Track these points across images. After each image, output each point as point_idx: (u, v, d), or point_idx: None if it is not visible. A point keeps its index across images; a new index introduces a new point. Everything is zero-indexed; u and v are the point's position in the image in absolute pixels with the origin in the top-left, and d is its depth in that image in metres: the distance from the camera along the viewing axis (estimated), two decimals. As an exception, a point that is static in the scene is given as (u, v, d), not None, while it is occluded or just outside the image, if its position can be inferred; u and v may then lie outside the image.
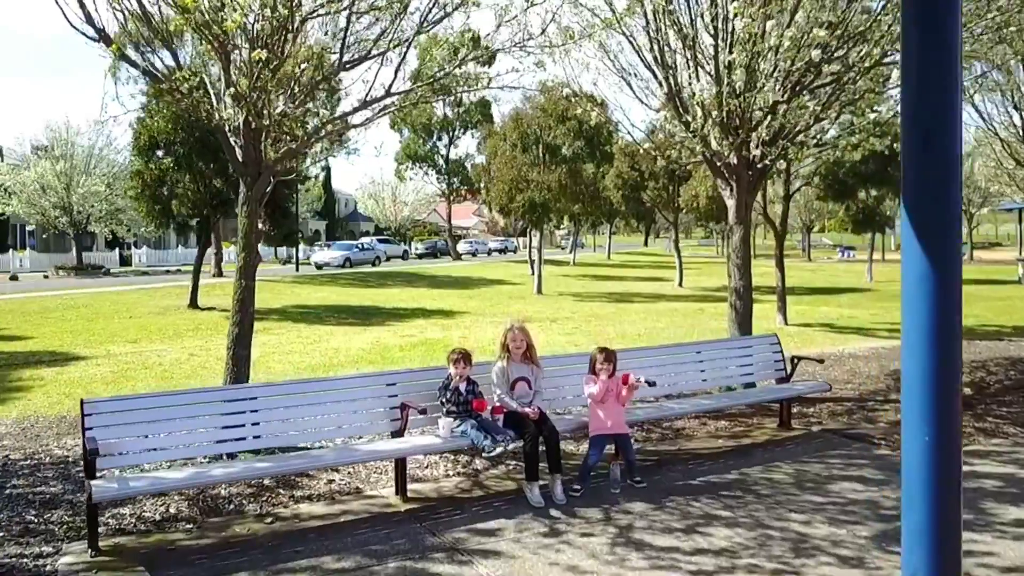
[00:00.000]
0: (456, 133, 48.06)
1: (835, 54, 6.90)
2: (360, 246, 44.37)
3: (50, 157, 38.16)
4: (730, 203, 8.61)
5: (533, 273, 35.48)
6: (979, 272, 39.02)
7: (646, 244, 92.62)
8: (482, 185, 26.12)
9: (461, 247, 61.40)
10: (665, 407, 6.33)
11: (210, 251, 39.12)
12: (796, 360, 7.36)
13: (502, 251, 68.40)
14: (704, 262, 50.65)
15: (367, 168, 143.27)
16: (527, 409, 5.46)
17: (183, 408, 4.91)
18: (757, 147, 8.14)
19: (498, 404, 5.55)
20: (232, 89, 5.99)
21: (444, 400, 5.44)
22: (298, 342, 13.52)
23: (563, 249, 71.71)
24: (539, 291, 24.86)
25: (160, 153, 17.68)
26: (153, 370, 10.74)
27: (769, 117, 7.59)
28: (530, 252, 38.19)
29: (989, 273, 37.73)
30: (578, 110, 9.02)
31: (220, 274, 30.94)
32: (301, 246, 57.78)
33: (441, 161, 48.40)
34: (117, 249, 46.82)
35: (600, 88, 8.68)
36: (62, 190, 37.57)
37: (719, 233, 68.71)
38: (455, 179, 48.58)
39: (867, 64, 6.94)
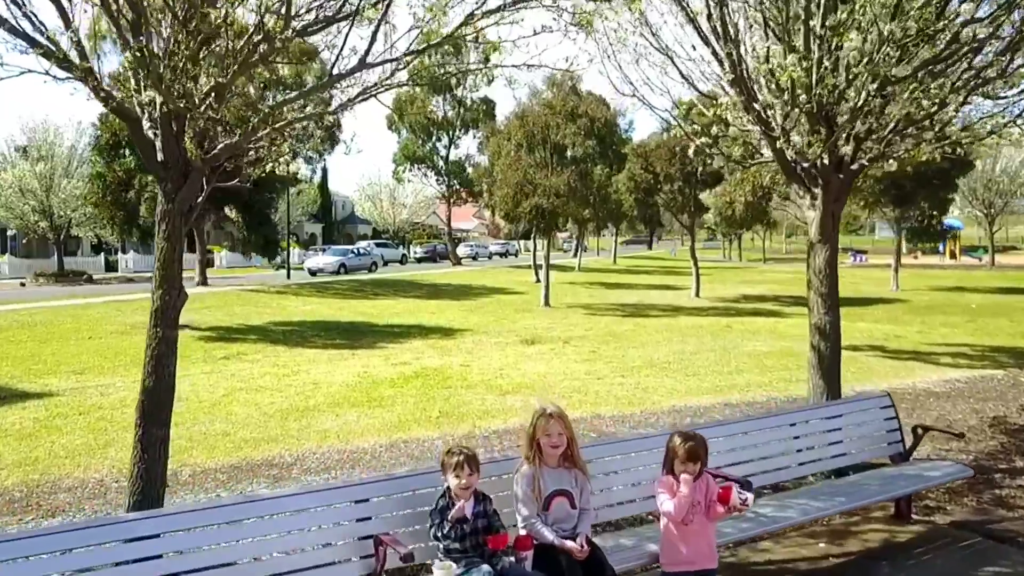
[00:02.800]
0: (457, 133, 46.07)
1: (981, 14, 5.00)
2: (355, 251, 42.41)
3: (30, 158, 36.25)
4: (811, 215, 6.70)
5: (538, 281, 33.50)
6: (1004, 279, 37.08)
7: (650, 247, 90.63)
8: (484, 189, 24.19)
9: (461, 250, 59.51)
10: (762, 516, 4.41)
11: (192, 256, 37.38)
12: (920, 432, 5.43)
13: (503, 255, 66.52)
14: (713, 267, 48.66)
15: (364, 169, 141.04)
16: (569, 543, 3.55)
17: (33, 564, 3.01)
18: (847, 142, 6.24)
19: (524, 533, 3.64)
20: (129, 53, 4.07)
21: (441, 533, 3.51)
22: (272, 373, 11.58)
23: (565, 252, 69.80)
24: (546, 303, 22.95)
25: (127, 153, 15.78)
26: (89, 416, 8.81)
27: (878, 102, 5.68)
28: (534, 257, 36.24)
29: (1017, 280, 35.82)
30: (610, 99, 7.06)
31: (205, 283, 28.96)
32: (296, 250, 55.85)
33: (441, 162, 46.39)
34: (103, 254, 44.82)
35: (642, 69, 6.71)
36: (42, 193, 35.65)
37: (726, 236, 66.71)
38: (455, 181, 46.57)
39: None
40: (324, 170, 71.89)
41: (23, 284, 34.49)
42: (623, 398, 9.69)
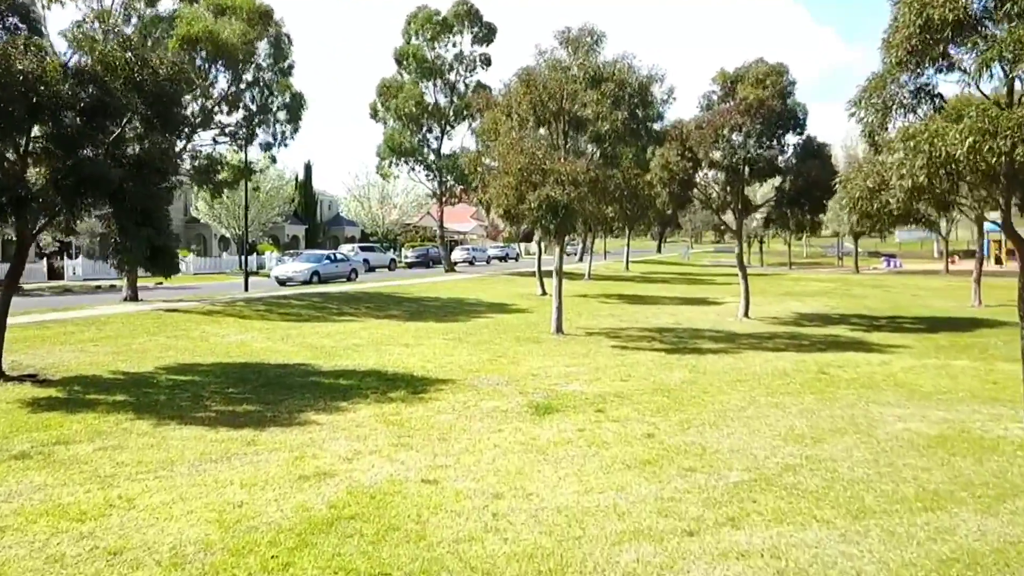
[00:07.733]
0: (450, 122, 40.52)
1: None
2: (331, 257, 36.76)
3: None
4: None
5: (543, 293, 28.04)
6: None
7: (659, 251, 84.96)
8: (477, 179, 18.72)
9: (456, 255, 54.05)
10: None
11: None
12: None
13: (502, 259, 61.00)
14: (735, 274, 43.06)
15: (352, 166, 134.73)
16: None
17: None
18: None
19: None
20: None
21: None
22: (73, 506, 6.11)
23: (569, 255, 64.22)
24: (558, 329, 17.51)
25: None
26: None
27: None
28: (538, 264, 30.82)
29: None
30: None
31: (135, 297, 23.48)
32: (274, 254, 50.20)
33: (432, 156, 40.82)
34: (45, 260, 39.25)
35: None
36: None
37: (753, 238, 61.01)
38: (448, 177, 41.00)
39: None
40: (308, 167, 66.56)
41: (-70, 297, 28.97)
42: (776, 630, 4.25)
